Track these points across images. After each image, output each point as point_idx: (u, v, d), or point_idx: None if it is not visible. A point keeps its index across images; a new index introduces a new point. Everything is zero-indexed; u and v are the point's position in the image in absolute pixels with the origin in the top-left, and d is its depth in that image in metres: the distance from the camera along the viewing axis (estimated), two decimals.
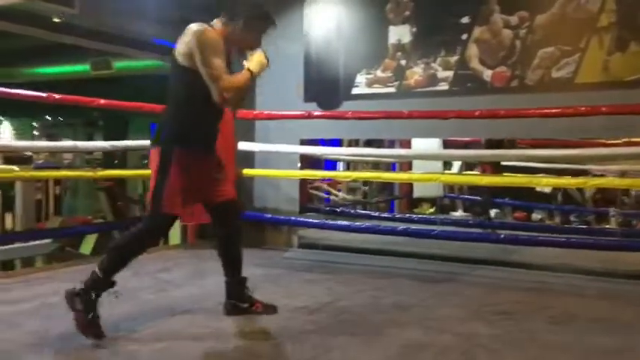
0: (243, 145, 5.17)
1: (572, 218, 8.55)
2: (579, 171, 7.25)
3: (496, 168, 5.64)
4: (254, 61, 2.71)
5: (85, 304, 2.52)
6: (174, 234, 5.57)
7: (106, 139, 10.67)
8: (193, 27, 2.62)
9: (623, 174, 7.36)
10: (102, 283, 2.56)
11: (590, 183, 4.59)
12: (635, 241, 4.82)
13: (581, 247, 4.21)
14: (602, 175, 7.24)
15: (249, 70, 2.68)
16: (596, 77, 4.17)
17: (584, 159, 6.09)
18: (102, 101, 4.67)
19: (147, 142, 6.13)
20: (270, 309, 3.02)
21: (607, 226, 7.76)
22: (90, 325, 2.52)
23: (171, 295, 3.51)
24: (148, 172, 2.94)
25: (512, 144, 6.11)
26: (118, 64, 8.65)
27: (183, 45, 2.62)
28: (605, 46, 4.16)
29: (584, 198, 8.97)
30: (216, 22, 2.76)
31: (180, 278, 3.97)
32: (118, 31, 5.04)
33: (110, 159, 10.33)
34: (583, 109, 3.86)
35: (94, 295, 2.54)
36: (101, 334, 2.54)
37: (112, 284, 2.59)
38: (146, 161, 9.39)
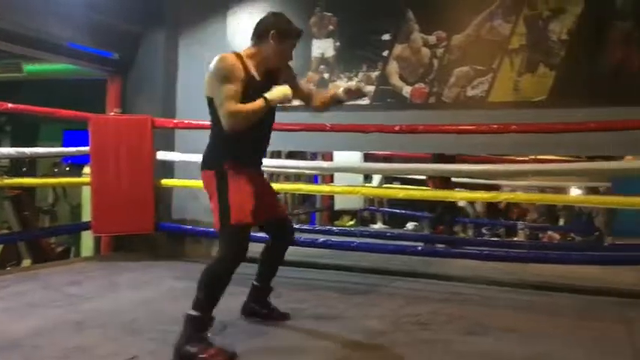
0: (162, 155, 5.03)
1: (484, 231, 8.94)
2: (490, 186, 7.60)
3: (446, 182, 5.73)
4: (275, 91, 2.67)
5: (199, 343, 2.49)
6: (87, 245, 5.33)
7: (13, 145, 10.07)
8: (216, 56, 2.65)
9: (542, 190, 7.79)
10: (202, 321, 2.54)
11: (501, 197, 4.81)
12: (541, 253, 5.07)
13: (493, 259, 4.40)
14: (512, 190, 7.62)
15: (265, 98, 2.63)
16: (507, 97, 4.39)
17: (497, 174, 6.37)
18: (10, 105, 4.41)
19: (58, 150, 5.86)
20: (284, 316, 3.15)
21: (516, 239, 8.17)
22: (217, 354, 2.48)
23: (80, 309, 3.33)
24: (59, 180, 2.80)
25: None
26: (29, 68, 8.23)
27: (207, 74, 2.66)
28: (515, 67, 4.39)
29: (476, 212, 9.47)
30: (249, 47, 2.80)
31: (90, 292, 3.78)
32: (30, 33, 4.78)
33: (18, 166, 9.75)
34: (495, 126, 4.05)
35: (204, 334, 2.53)
36: (232, 353, 2.53)
37: (212, 320, 2.58)
38: (57, 170, 9.02)
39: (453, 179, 6.58)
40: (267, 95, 2.63)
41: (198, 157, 4.92)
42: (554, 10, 4.32)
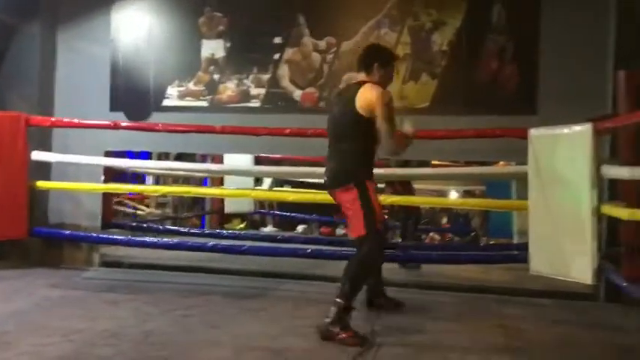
0: (37, 155, 4.70)
1: None
2: None
3: (407, 187, 5.73)
4: (409, 129, 3.26)
5: (342, 326, 2.93)
6: None
7: None
8: (371, 88, 3.10)
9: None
10: (347, 309, 2.98)
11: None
12: (425, 254, 5.30)
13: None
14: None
15: (407, 137, 3.25)
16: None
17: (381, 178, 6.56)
18: None
19: None
20: (400, 306, 3.68)
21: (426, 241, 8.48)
22: (355, 337, 2.91)
23: None
24: None
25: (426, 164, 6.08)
26: None
27: (364, 101, 3.07)
28: (400, 75, 4.57)
29: None
30: (363, 76, 3.25)
31: None
32: None
33: None
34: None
35: (346, 318, 2.96)
36: (366, 338, 2.95)
37: (353, 309, 3.03)
38: None
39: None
40: (409, 134, 3.25)
41: (77, 158, 4.72)
42: (436, 22, 4.56)
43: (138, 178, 8.18)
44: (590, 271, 3.32)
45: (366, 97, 3.07)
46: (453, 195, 10.43)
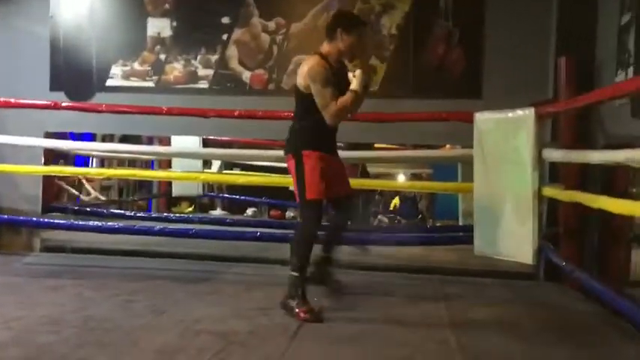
0: None
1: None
2: None
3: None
4: (357, 80, 3.05)
5: (298, 299, 3.00)
6: None
7: None
8: (308, 62, 3.06)
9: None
10: (301, 280, 3.03)
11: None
12: (374, 236, 5.37)
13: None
14: None
15: (352, 91, 3.03)
16: None
17: None
18: None
19: None
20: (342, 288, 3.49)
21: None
22: (308, 313, 2.97)
23: None
24: None
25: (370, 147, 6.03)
26: None
27: (301, 77, 3.07)
28: None
29: None
30: (324, 45, 3.13)
31: None
32: None
33: None
34: None
35: (300, 291, 3.02)
36: (319, 315, 3.01)
37: (305, 280, 3.06)
38: None
39: None
40: (354, 87, 3.04)
41: (16, 140, 4.53)
42: (385, 5, 4.57)
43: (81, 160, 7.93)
44: (531, 251, 3.44)
45: (302, 71, 3.07)
46: (401, 178, 10.59)
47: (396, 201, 10.40)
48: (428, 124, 4.26)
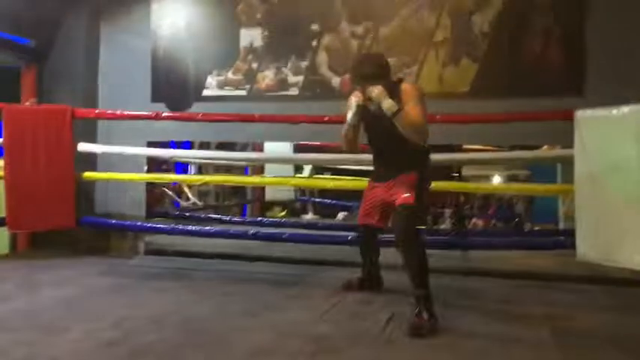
0: (83, 147, 4.82)
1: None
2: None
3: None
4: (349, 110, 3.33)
5: (430, 318, 2.92)
6: (2, 243, 5.04)
7: None
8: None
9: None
10: (428, 296, 2.99)
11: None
12: (468, 240, 5.22)
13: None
14: None
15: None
16: (432, 88, 4.47)
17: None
18: None
19: None
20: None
21: (442, 226, 8.38)
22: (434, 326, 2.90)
23: None
24: None
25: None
26: None
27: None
28: (440, 59, 4.48)
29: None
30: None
31: (6, 291, 3.57)
32: None
33: None
34: None
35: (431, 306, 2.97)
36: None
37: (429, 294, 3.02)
38: None
39: None
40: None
41: (121, 149, 4.82)
42: (478, 3, 4.44)
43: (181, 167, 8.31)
44: None
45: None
46: (497, 180, 10.23)
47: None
48: (524, 125, 4.09)
